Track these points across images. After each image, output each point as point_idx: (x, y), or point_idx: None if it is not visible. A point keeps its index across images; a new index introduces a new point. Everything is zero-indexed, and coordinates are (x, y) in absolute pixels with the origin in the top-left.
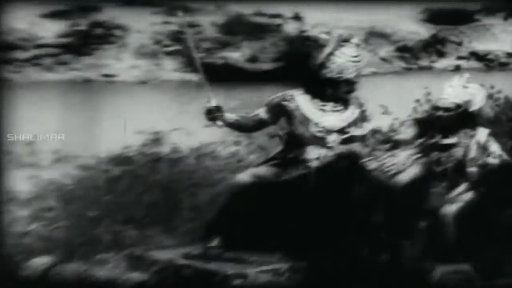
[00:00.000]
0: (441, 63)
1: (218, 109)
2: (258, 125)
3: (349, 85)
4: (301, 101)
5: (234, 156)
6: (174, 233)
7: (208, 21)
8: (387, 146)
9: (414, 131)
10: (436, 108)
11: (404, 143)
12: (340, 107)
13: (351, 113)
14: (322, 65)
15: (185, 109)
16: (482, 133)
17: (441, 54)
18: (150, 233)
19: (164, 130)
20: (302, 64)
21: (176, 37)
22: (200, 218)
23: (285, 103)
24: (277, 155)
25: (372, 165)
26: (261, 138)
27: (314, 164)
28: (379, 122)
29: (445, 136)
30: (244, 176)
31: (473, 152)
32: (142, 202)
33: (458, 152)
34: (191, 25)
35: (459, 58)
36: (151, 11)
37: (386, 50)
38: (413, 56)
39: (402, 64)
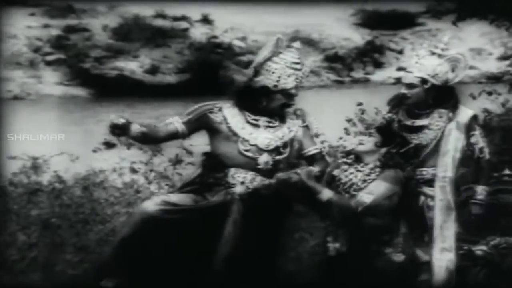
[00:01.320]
0: (379, 75)
1: (128, 124)
2: (169, 136)
3: (286, 97)
4: (228, 114)
5: (131, 186)
6: (56, 280)
7: (99, 25)
8: (349, 160)
9: (376, 139)
10: (402, 84)
11: (366, 154)
12: (275, 123)
13: (289, 130)
14: (256, 72)
15: (70, 130)
16: (463, 115)
17: (379, 65)
18: (25, 280)
19: (44, 155)
20: (212, 76)
21: (59, 43)
22: (89, 261)
23: (211, 115)
24: (195, 180)
25: (326, 190)
26: (161, 166)
27: (238, 190)
28: None
29: (416, 116)
30: (151, 204)
31: (452, 138)
32: (17, 242)
33: (427, 135)
34: (78, 30)
35: (400, 69)
36: (28, 11)
37: (312, 60)
38: (345, 66)
39: (332, 77)
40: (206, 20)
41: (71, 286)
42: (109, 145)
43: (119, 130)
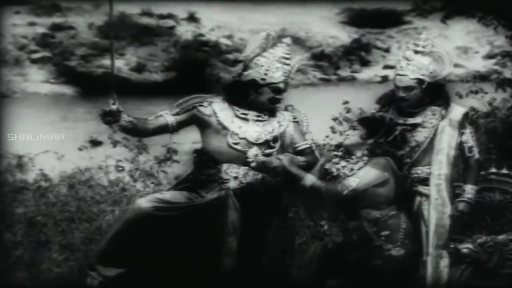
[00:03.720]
0: (365, 74)
1: (118, 112)
2: (158, 129)
3: (274, 91)
4: (218, 108)
5: (117, 184)
6: (41, 279)
7: (84, 23)
8: (339, 152)
9: (361, 132)
10: (396, 88)
11: (355, 147)
12: (264, 117)
13: (279, 124)
14: (245, 66)
15: (56, 128)
16: (456, 112)
17: (365, 63)
18: (11, 278)
19: (29, 153)
20: (198, 74)
21: (45, 41)
22: (74, 260)
23: (200, 107)
24: (188, 177)
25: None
26: (147, 164)
27: (232, 184)
28: None
29: (408, 115)
30: (144, 201)
31: (446, 136)
32: (2, 240)
33: (421, 133)
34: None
35: (387, 67)
36: (13, 9)
37: (299, 58)
38: (331, 65)
39: (319, 75)
40: (192, 18)
41: (57, 284)
42: (94, 143)
43: (111, 117)
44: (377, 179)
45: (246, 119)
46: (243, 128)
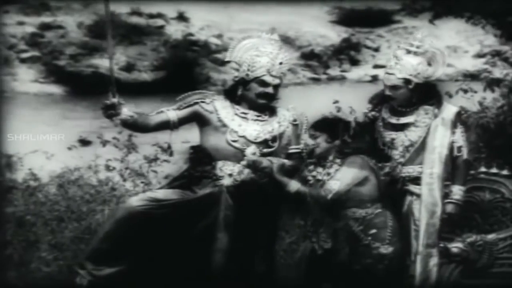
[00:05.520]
0: (355, 73)
1: (118, 105)
2: (159, 125)
3: (261, 85)
4: (219, 105)
5: (106, 183)
6: (30, 277)
7: (73, 22)
8: (313, 159)
9: (324, 136)
10: (384, 86)
11: (327, 153)
12: (265, 117)
13: (279, 125)
14: (239, 65)
15: (45, 127)
16: (448, 111)
17: (355, 62)
18: (0, 277)
19: (18, 153)
20: (188, 74)
21: (34, 41)
22: (63, 259)
23: (203, 104)
24: (183, 174)
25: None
26: (137, 163)
27: (226, 182)
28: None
29: (400, 114)
30: (136, 200)
31: (438, 135)
32: None
33: (415, 133)
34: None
35: (377, 66)
36: (2, 9)
37: (288, 57)
38: (321, 64)
39: (309, 74)
40: (182, 17)
41: (46, 283)
42: (84, 143)
43: (112, 110)
44: (356, 178)
45: (246, 118)
46: (242, 126)
